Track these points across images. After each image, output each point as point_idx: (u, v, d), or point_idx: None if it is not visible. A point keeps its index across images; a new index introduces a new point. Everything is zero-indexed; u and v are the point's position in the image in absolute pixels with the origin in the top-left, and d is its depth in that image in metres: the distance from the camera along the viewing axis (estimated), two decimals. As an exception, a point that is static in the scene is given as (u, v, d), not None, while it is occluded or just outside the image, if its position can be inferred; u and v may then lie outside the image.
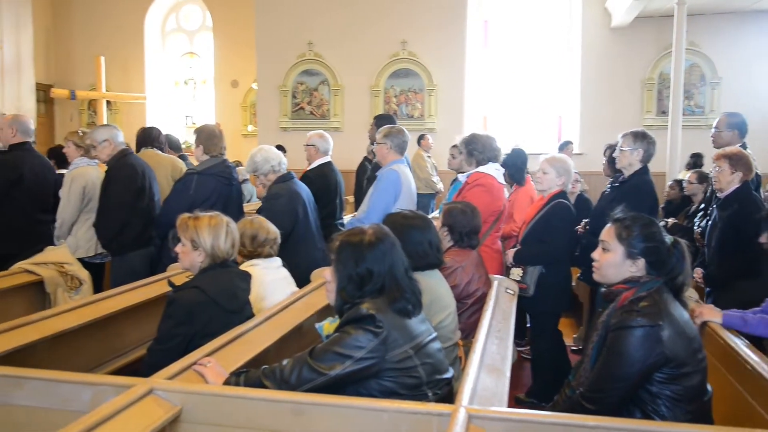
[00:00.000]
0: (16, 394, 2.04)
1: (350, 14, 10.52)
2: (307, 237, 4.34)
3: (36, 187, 4.82)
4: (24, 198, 4.75)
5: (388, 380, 2.03)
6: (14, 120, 4.93)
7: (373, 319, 2.02)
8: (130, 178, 4.48)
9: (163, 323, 2.57)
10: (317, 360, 2.02)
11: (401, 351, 2.04)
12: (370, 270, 2.12)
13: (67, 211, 4.64)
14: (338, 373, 1.98)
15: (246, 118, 13.36)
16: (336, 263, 2.17)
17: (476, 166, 4.34)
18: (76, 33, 13.90)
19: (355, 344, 1.99)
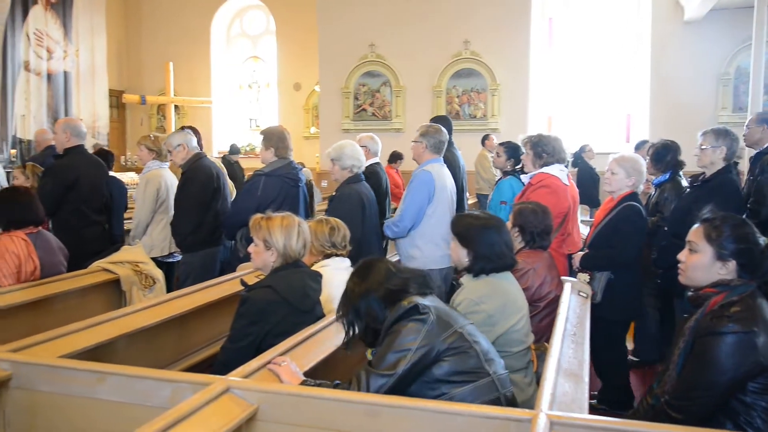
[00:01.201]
0: (99, 388, 2.09)
1: (412, 15, 10.49)
2: (369, 240, 4.33)
3: (90, 188, 4.92)
4: (79, 200, 4.86)
5: (446, 362, 2.04)
6: (67, 124, 5.02)
7: (416, 308, 2.07)
8: (206, 180, 4.60)
9: (236, 322, 2.60)
10: (380, 366, 2.02)
11: (452, 331, 2.07)
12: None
13: (142, 213, 4.80)
14: (404, 368, 1.99)
15: (308, 120, 13.51)
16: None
17: (541, 167, 4.24)
18: (147, 41, 14.38)
19: (409, 337, 2.02)
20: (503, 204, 4.86)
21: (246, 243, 4.41)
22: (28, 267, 3.51)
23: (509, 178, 5.07)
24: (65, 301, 3.62)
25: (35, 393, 2.15)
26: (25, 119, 11.35)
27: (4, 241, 3.49)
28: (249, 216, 4.28)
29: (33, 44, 11.60)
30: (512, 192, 4.79)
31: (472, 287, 2.71)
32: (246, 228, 4.33)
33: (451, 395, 2.01)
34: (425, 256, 4.34)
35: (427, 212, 4.31)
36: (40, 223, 3.69)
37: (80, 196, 4.83)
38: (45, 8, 11.79)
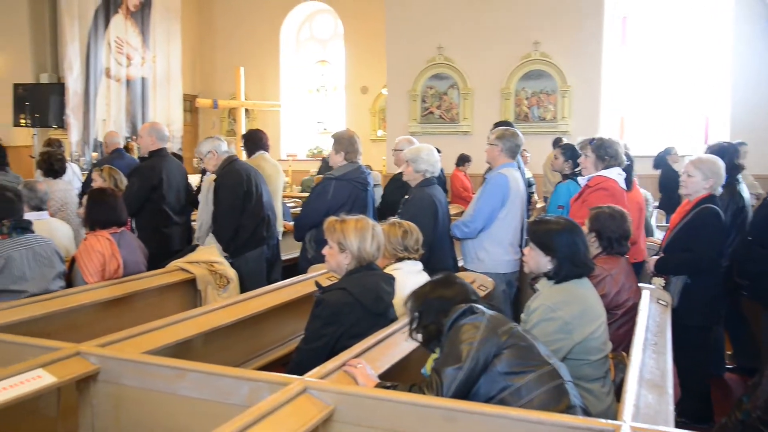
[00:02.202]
0: (180, 384, 2.15)
1: (481, 17, 10.40)
2: (442, 243, 4.31)
3: (172, 190, 5.11)
4: (162, 201, 5.04)
5: (507, 355, 2.06)
6: (152, 128, 5.24)
7: (470, 308, 2.16)
8: (237, 184, 4.61)
9: (310, 323, 2.63)
10: (447, 364, 2.05)
11: (508, 326, 2.14)
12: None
13: (204, 215, 4.89)
14: (470, 360, 2.03)
15: (375, 123, 13.58)
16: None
17: (600, 170, 4.13)
18: (219, 47, 14.78)
19: (469, 332, 2.08)
20: (560, 208, 4.77)
21: (315, 245, 4.48)
22: (112, 265, 3.65)
23: (567, 182, 4.97)
24: (145, 299, 3.75)
25: (121, 387, 2.24)
26: (105, 123, 11.84)
27: (90, 241, 3.65)
28: (319, 218, 4.39)
29: (114, 52, 12.09)
30: (569, 196, 4.71)
31: (548, 293, 2.65)
32: (315, 230, 4.43)
33: (516, 387, 2.02)
34: (492, 260, 4.30)
35: (499, 216, 4.28)
36: (124, 223, 3.84)
37: (163, 197, 5.02)
38: (125, 17, 12.28)
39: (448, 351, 2.10)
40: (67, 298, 3.28)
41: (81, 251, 3.65)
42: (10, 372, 2.04)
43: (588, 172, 4.19)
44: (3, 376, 2.01)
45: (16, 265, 3.23)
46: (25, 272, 3.26)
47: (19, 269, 3.24)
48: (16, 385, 2.00)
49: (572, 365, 2.56)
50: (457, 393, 2.02)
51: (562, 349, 2.56)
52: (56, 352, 2.26)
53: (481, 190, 4.42)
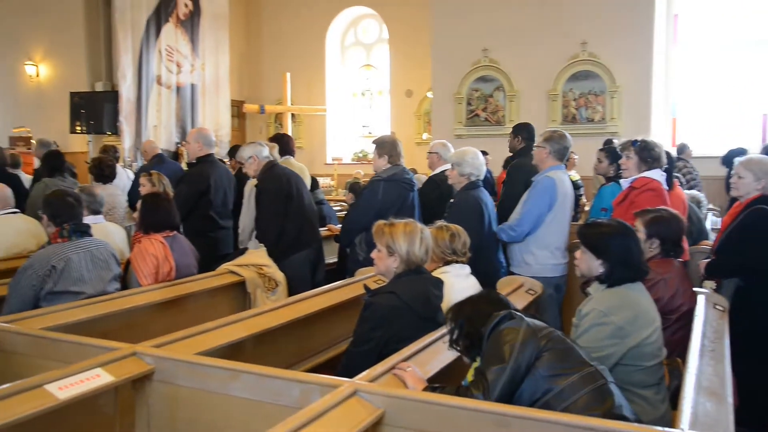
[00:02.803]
0: (232, 385, 2.19)
1: (526, 18, 10.29)
2: (489, 246, 4.28)
3: (219, 196, 5.20)
4: (210, 207, 5.13)
5: (548, 357, 2.07)
6: (199, 134, 5.33)
7: (509, 314, 2.19)
8: (278, 188, 4.64)
9: (359, 326, 2.64)
10: (491, 364, 2.07)
11: (547, 330, 2.15)
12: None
13: (247, 219, 4.97)
14: (514, 361, 2.04)
15: (420, 126, 13.58)
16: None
17: (643, 172, 4.04)
18: (266, 53, 15.01)
19: (510, 335, 2.10)
20: (604, 211, 4.69)
21: (365, 247, 4.51)
22: (165, 268, 3.74)
23: (611, 185, 4.88)
24: (196, 301, 3.82)
25: (175, 387, 2.28)
26: (156, 129, 12.15)
27: (144, 244, 3.74)
28: (368, 220, 4.41)
29: (164, 60, 12.39)
30: (613, 198, 4.64)
31: (600, 298, 2.61)
32: (366, 232, 4.47)
33: (559, 389, 2.01)
34: (539, 264, 4.26)
35: (546, 219, 4.23)
36: (176, 227, 3.93)
37: (210, 202, 5.11)
38: (175, 26, 12.57)
39: (490, 353, 2.12)
40: (122, 299, 3.37)
41: (136, 254, 3.75)
42: (70, 371, 2.11)
43: (630, 174, 4.11)
44: (64, 374, 2.07)
45: (74, 267, 3.34)
46: (83, 274, 3.36)
47: (77, 271, 3.34)
48: (76, 383, 2.06)
49: (625, 371, 2.51)
50: (502, 393, 2.03)
51: (615, 354, 2.51)
52: (114, 353, 2.32)
53: (527, 193, 4.37)
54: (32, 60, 12.86)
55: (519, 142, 5.42)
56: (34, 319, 2.90)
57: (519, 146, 5.43)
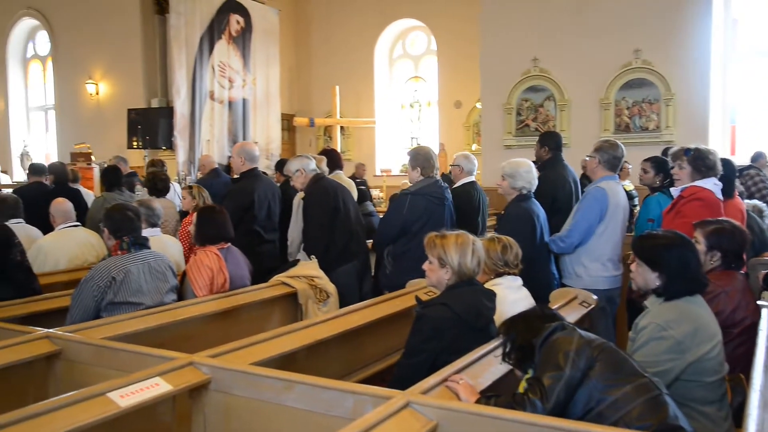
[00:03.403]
0: (287, 395, 2.21)
1: (577, 27, 10.16)
2: (541, 258, 4.23)
3: (263, 210, 5.27)
4: (254, 221, 5.20)
5: (600, 369, 2.04)
6: (241, 149, 5.40)
7: (561, 325, 2.19)
8: (324, 201, 4.69)
9: (411, 338, 2.64)
10: (546, 371, 2.06)
11: (600, 341, 2.13)
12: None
13: (295, 231, 5.03)
14: (569, 368, 2.03)
15: (469, 137, 13.55)
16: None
17: (695, 181, 3.92)
18: (315, 67, 15.23)
19: (563, 344, 2.09)
20: (650, 221, 4.58)
21: (392, 259, 4.55)
22: (219, 279, 3.82)
23: (657, 195, 4.75)
24: (249, 312, 3.88)
25: (231, 396, 2.32)
26: (209, 144, 12.44)
27: (200, 256, 3.83)
28: (394, 233, 4.46)
29: (217, 75, 12.70)
30: (660, 209, 4.53)
31: (658, 311, 2.54)
32: (392, 245, 4.51)
33: (613, 399, 1.98)
34: (590, 276, 4.18)
35: (597, 230, 4.16)
36: (231, 239, 4.01)
37: (255, 217, 5.18)
38: (228, 42, 12.89)
39: (545, 362, 2.11)
40: (179, 310, 3.45)
41: (191, 266, 3.84)
42: (131, 380, 2.16)
43: (682, 183, 4.00)
44: (125, 383, 2.13)
45: (134, 278, 3.44)
46: (141, 285, 3.46)
47: (136, 283, 3.44)
48: (136, 392, 2.12)
49: (685, 387, 2.44)
50: (558, 400, 2.01)
51: (674, 369, 2.44)
52: (171, 362, 2.37)
53: (578, 204, 4.31)
54: (92, 79, 13.37)
55: (546, 152, 5.23)
56: (95, 329, 2.99)
57: (546, 156, 5.26)
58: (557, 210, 4.73)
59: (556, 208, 4.77)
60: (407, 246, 4.44)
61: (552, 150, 5.21)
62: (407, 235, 4.44)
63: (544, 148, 5.27)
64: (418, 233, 4.35)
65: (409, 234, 4.42)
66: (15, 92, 15.30)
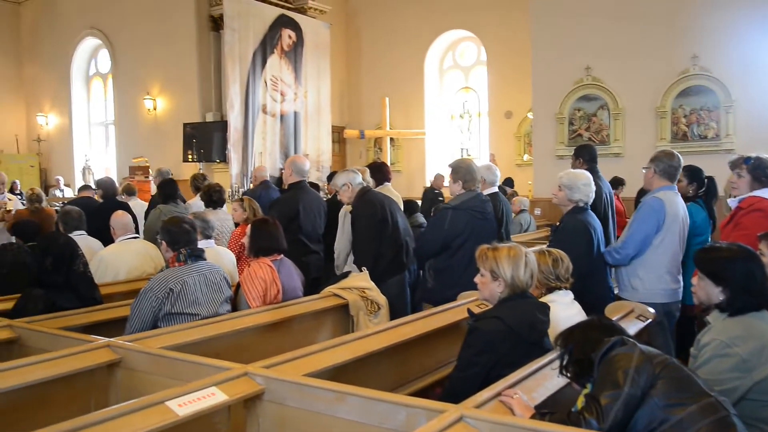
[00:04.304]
0: (339, 407, 2.22)
1: (631, 34, 9.97)
2: (598, 271, 4.14)
3: (309, 220, 5.39)
4: (299, 231, 5.30)
5: (663, 387, 1.97)
6: (291, 162, 5.62)
7: (621, 340, 2.10)
8: (371, 213, 4.70)
9: (463, 351, 2.62)
10: (604, 390, 1.99)
11: (662, 357, 2.05)
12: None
13: (341, 243, 5.07)
14: (629, 387, 1.96)
15: (520, 147, 13.41)
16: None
17: (755, 190, 3.77)
18: (365, 79, 15.37)
19: (623, 360, 2.02)
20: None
21: (432, 273, 4.53)
22: (273, 291, 3.86)
23: (690, 205, 4.59)
24: (301, 323, 3.92)
25: (284, 407, 2.34)
26: (262, 156, 12.67)
27: (254, 267, 3.89)
28: (435, 248, 4.44)
29: (269, 89, 12.95)
30: (695, 219, 4.44)
31: (721, 327, 2.45)
32: (434, 259, 4.49)
33: (677, 419, 1.91)
34: (646, 289, 4.07)
35: (654, 242, 4.05)
36: (284, 251, 4.06)
37: (300, 227, 5.27)
38: (280, 57, 13.14)
39: (603, 379, 2.04)
40: (233, 321, 3.51)
41: (245, 277, 3.90)
42: (188, 389, 2.21)
43: (740, 193, 3.86)
44: (182, 392, 2.18)
45: (190, 290, 3.51)
46: (198, 297, 3.54)
47: (192, 294, 3.52)
48: (193, 401, 2.16)
49: (751, 407, 2.34)
50: (616, 420, 1.95)
51: (739, 388, 2.35)
52: (227, 372, 2.41)
53: (634, 215, 4.21)
54: (150, 94, 13.80)
55: (580, 164, 5.24)
56: (153, 338, 3.07)
57: (581, 168, 5.28)
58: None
59: None
60: (449, 261, 4.39)
61: (587, 162, 5.24)
62: (449, 250, 4.38)
63: (578, 160, 5.33)
64: (460, 248, 4.33)
65: (451, 249, 4.37)
66: (78, 108, 15.92)
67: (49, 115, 16.27)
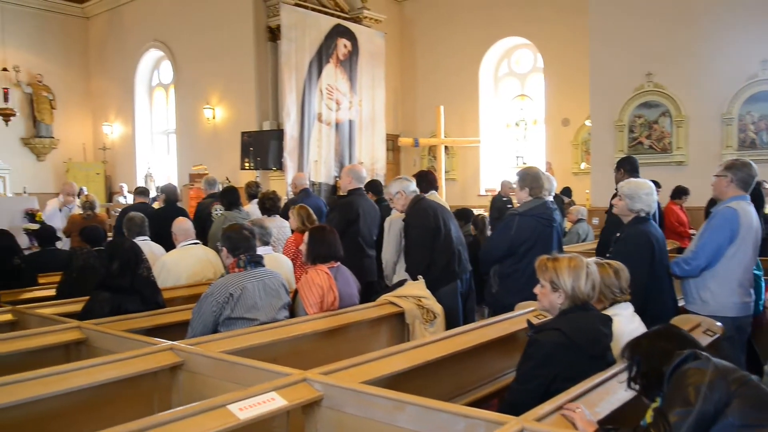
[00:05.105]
0: (398, 416, 2.21)
1: (696, 38, 9.68)
2: (660, 283, 4.01)
3: (366, 225, 5.57)
4: (357, 234, 5.49)
5: (739, 406, 1.85)
6: (351, 170, 5.85)
7: (693, 353, 2.00)
8: (425, 221, 4.71)
9: (523, 364, 2.58)
10: (674, 406, 1.90)
11: (739, 373, 1.93)
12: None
13: (388, 252, 5.09)
14: (701, 404, 1.86)
15: (577, 155, 13.17)
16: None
17: None
18: (420, 88, 15.39)
19: (696, 375, 1.92)
20: None
21: (498, 279, 4.51)
22: (329, 298, 3.89)
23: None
24: (358, 330, 3.93)
25: (342, 414, 2.35)
26: (317, 164, 12.82)
27: (311, 274, 3.93)
28: (501, 253, 4.41)
29: (325, 98, 13.11)
30: None
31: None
32: (499, 265, 4.46)
33: None
34: (717, 302, 3.92)
35: (727, 253, 3.90)
36: (340, 258, 4.09)
37: (358, 231, 5.42)
38: (335, 66, 13.29)
39: (673, 395, 1.95)
40: (291, 327, 3.55)
41: (303, 284, 3.94)
42: (248, 393, 2.24)
43: None
44: (243, 396, 2.21)
45: (249, 295, 3.58)
46: (256, 302, 3.59)
47: (251, 299, 3.58)
48: (253, 405, 2.19)
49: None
50: None
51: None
52: (286, 378, 2.44)
53: (705, 225, 4.07)
54: (209, 104, 14.14)
55: (621, 175, 5.34)
56: (214, 342, 3.13)
57: (622, 179, 5.25)
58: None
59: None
60: (514, 267, 4.39)
61: (628, 172, 5.36)
62: (514, 256, 4.39)
63: (620, 171, 5.46)
64: (525, 254, 4.33)
65: (517, 255, 4.37)
66: (141, 117, 16.46)
67: (114, 124, 16.86)
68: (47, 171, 16.24)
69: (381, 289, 5.27)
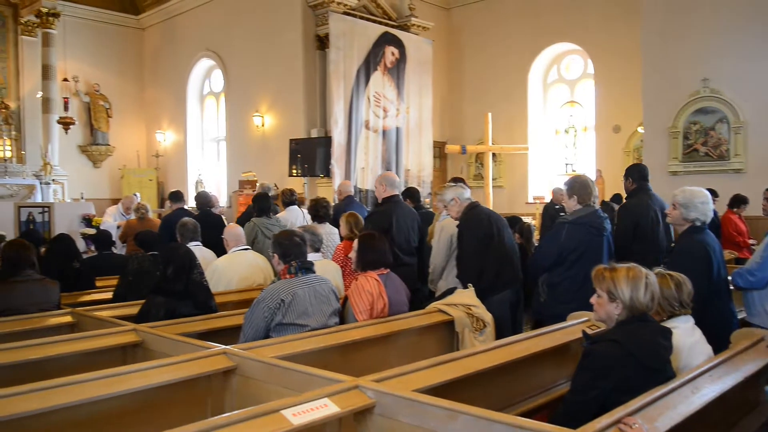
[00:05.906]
0: (451, 425, 2.19)
1: (753, 42, 9.38)
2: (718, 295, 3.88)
3: (402, 233, 5.48)
4: (392, 243, 5.29)
5: None
6: (384, 178, 5.82)
7: None
8: (478, 228, 4.67)
9: (578, 375, 2.52)
10: None
11: None
12: None
13: (437, 258, 5.07)
14: None
15: (629, 163, 12.84)
16: None
17: None
18: (467, 95, 15.33)
19: None
20: None
21: (546, 288, 4.45)
22: (379, 304, 3.89)
23: None
24: (407, 337, 3.91)
25: (395, 422, 2.34)
26: (364, 171, 12.87)
27: (361, 281, 3.94)
28: (550, 261, 4.36)
29: (372, 105, 13.17)
30: None
31: None
32: (548, 273, 4.41)
33: None
34: None
35: None
36: (390, 265, 4.09)
37: (393, 239, 5.31)
38: (383, 73, 13.34)
39: None
40: (341, 333, 3.56)
41: (353, 291, 3.95)
42: (301, 399, 2.25)
43: None
44: (296, 402, 2.22)
45: (300, 301, 3.60)
46: (307, 308, 3.62)
47: (302, 305, 3.60)
48: (306, 411, 2.20)
49: None
50: None
51: None
52: (338, 384, 2.44)
53: None
54: (259, 112, 14.36)
55: (630, 183, 5.43)
56: (266, 347, 3.16)
57: (631, 187, 5.40)
58: (640, 237, 5.07)
59: (638, 235, 5.09)
60: (564, 276, 4.34)
61: (636, 181, 5.41)
62: (564, 265, 4.33)
63: (628, 180, 5.48)
64: (575, 263, 4.28)
65: (566, 264, 4.31)
66: (193, 125, 16.83)
67: (167, 132, 17.28)
68: (103, 177, 16.76)
69: (426, 297, 5.27)
